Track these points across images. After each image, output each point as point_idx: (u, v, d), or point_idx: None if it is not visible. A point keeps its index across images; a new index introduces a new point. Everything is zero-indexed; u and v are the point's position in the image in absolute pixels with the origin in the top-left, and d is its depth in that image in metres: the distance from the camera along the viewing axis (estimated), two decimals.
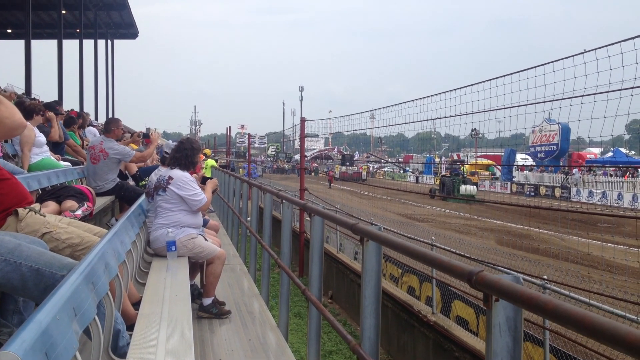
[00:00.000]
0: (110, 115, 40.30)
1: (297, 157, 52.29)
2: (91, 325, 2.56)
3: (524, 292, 1.68)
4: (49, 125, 8.18)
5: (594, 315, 1.45)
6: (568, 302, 6.71)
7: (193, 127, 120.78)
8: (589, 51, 6.55)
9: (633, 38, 5.99)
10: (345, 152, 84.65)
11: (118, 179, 7.69)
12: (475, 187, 41.43)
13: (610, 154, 50.64)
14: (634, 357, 1.34)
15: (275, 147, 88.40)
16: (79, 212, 4.78)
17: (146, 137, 9.24)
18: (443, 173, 45.72)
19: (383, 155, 68.97)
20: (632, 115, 6.29)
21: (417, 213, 28.90)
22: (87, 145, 8.53)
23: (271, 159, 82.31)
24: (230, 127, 50.28)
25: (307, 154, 74.43)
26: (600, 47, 6.42)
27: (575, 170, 46.24)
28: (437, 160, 68.90)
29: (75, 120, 9.60)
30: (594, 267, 13.69)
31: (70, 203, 5.05)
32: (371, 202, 29.66)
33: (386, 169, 78.01)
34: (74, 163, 8.33)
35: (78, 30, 37.14)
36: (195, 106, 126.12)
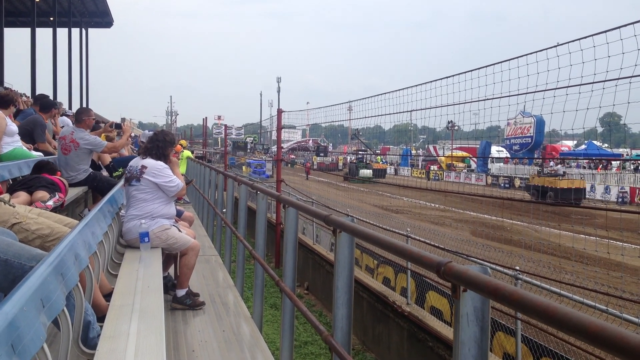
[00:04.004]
0: (84, 105, 39.78)
1: (275, 148, 52.18)
2: (60, 317, 2.53)
3: (490, 282, 1.69)
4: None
5: (558, 306, 1.47)
6: (539, 293, 6.82)
7: (169, 117, 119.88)
8: (562, 44, 6.60)
9: (605, 32, 6.05)
10: (322, 144, 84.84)
11: (91, 170, 7.60)
12: (370, 171, 52.81)
13: (583, 146, 51.35)
14: (596, 347, 1.36)
15: (252, 139, 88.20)
16: (50, 202, 4.72)
17: (118, 127, 9.15)
18: (351, 160, 59.27)
19: (360, 147, 69.16)
20: (605, 108, 6.37)
21: (393, 205, 29.04)
22: (58, 135, 8.41)
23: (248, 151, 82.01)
24: (206, 117, 49.90)
25: (285, 145, 74.24)
26: (573, 41, 6.47)
27: (551, 163, 46.81)
28: (413, 152, 69.59)
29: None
30: (566, 258, 13.90)
31: (41, 194, 4.99)
32: (348, 194, 29.74)
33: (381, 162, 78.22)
34: (46, 153, 8.21)
35: (52, 19, 36.51)
36: (171, 96, 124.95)
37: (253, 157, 61.32)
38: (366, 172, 51.81)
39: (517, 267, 7.81)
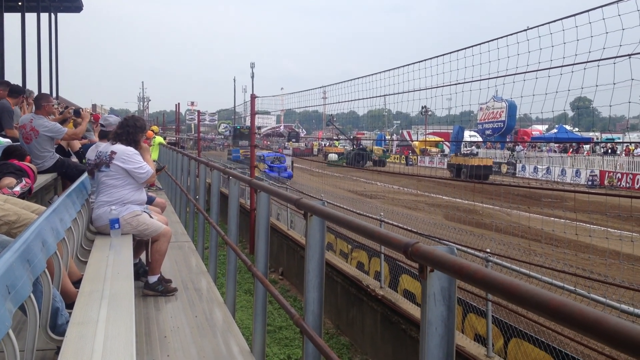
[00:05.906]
0: (55, 93, 39.09)
1: None
2: (27, 304, 2.51)
3: (455, 261, 1.71)
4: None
5: (520, 283, 1.50)
6: (509, 274, 6.92)
7: (141, 103, 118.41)
8: (532, 28, 6.66)
9: (574, 15, 6.10)
10: (296, 129, 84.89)
11: (58, 156, 7.48)
12: (336, 155, 56.39)
13: (554, 130, 52.02)
14: (558, 322, 1.38)
15: (226, 125, 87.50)
16: (17, 188, 4.64)
17: (77, 114, 9.08)
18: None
19: (335, 132, 69.40)
20: (575, 93, 6.44)
21: (367, 190, 29.16)
22: (16, 125, 8.26)
23: (222, 137, 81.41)
24: (179, 103, 49.56)
25: (260, 131, 73.80)
26: (543, 24, 6.53)
27: (519, 147, 47.38)
28: (387, 137, 69.84)
29: None
30: (537, 240, 14.11)
31: (8, 180, 4.91)
32: (322, 180, 29.72)
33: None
34: (14, 140, 8.07)
35: (20, 3, 35.65)
36: (143, 82, 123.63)
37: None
38: (332, 157, 56.20)
39: (488, 250, 7.92)
